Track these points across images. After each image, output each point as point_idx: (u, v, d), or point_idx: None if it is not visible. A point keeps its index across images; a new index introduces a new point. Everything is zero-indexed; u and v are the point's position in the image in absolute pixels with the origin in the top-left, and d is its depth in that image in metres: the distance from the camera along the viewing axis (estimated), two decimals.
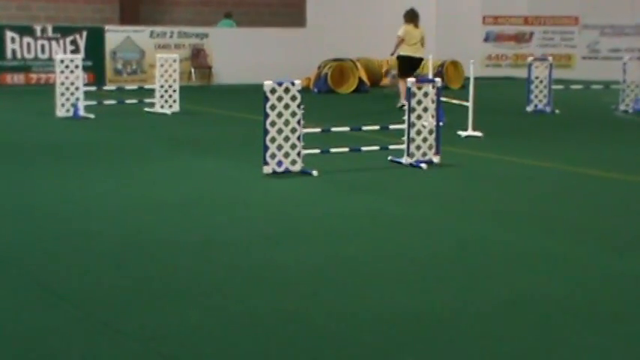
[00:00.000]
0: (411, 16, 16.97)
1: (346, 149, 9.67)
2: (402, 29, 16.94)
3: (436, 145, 9.59)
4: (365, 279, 5.35)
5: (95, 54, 20.54)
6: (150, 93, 15.28)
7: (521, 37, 25.57)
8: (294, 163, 8.94)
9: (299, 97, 8.88)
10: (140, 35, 21.23)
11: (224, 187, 8.36)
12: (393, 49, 17.06)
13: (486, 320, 4.64)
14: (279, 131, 8.82)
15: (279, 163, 8.87)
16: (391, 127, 9.88)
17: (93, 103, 14.39)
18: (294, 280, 5.32)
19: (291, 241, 6.28)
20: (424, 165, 9.41)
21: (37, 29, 20.24)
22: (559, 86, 16.78)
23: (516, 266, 5.66)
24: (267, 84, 8.76)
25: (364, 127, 10.27)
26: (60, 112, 14.09)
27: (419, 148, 9.52)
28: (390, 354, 4.16)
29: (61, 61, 14.18)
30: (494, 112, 15.62)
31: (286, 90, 8.83)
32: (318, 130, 9.66)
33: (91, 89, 15.47)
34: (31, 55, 20.18)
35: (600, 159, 10.39)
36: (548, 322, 4.58)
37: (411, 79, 9.68)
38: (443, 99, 10.64)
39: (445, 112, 11.59)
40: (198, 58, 21.77)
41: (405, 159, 9.52)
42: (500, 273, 5.50)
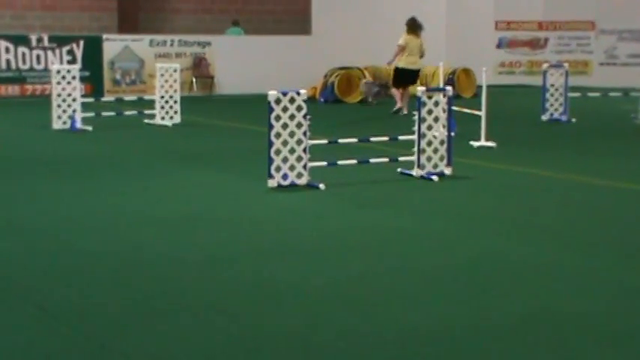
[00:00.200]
0: (412, 26, 17.06)
1: (354, 161, 9.67)
2: (403, 38, 17.04)
3: (448, 157, 9.59)
4: (374, 296, 5.34)
5: (93, 64, 20.58)
6: (150, 104, 15.32)
7: (536, 43, 25.58)
8: (300, 176, 8.94)
9: (305, 107, 8.90)
10: (139, 44, 21.29)
11: (227, 202, 8.37)
12: (391, 57, 17.16)
13: (501, 337, 4.63)
14: (284, 143, 8.83)
15: (284, 176, 8.87)
16: (401, 137, 9.89)
17: (91, 114, 14.43)
18: (300, 298, 5.31)
19: (298, 258, 6.28)
20: (435, 177, 9.41)
21: (33, 39, 20.31)
22: (575, 94, 16.76)
23: (531, 281, 5.65)
24: (272, 94, 8.78)
25: (373, 138, 10.28)
26: (56, 124, 14.13)
27: (430, 159, 9.53)
28: None
29: (58, 72, 14.24)
30: (507, 122, 15.62)
31: (291, 100, 8.85)
32: (324, 142, 9.67)
33: (89, 101, 15.48)
34: (27, 66, 20.24)
35: (618, 170, 10.37)
36: (564, 338, 4.57)
37: (422, 88, 9.69)
38: (454, 108, 10.64)
39: (457, 121, 11.58)
40: (199, 67, 21.81)
41: (416, 171, 9.53)
42: (515, 288, 5.50)
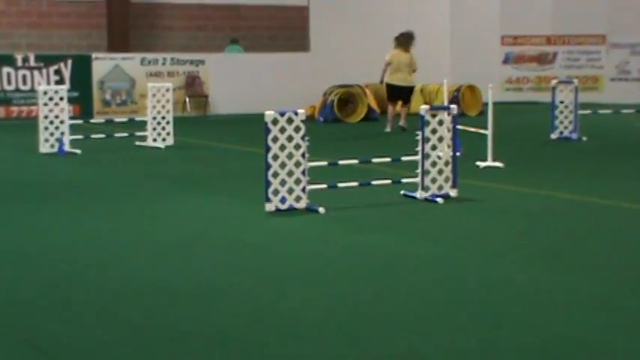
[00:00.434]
0: (400, 40, 17.18)
1: (355, 183, 9.69)
2: (389, 54, 17.16)
3: (453, 178, 9.61)
4: (377, 325, 5.34)
5: (81, 84, 20.65)
6: (141, 125, 15.35)
7: (544, 58, 25.66)
8: (298, 199, 8.96)
9: (303, 127, 8.92)
10: (130, 63, 21.37)
11: (223, 227, 8.38)
12: (380, 74, 17.27)
13: None
14: (282, 165, 8.85)
15: (282, 199, 8.89)
16: (404, 158, 9.89)
17: (79, 137, 14.47)
18: (301, 327, 5.32)
19: (297, 285, 6.29)
20: (440, 199, 9.43)
21: (18, 58, 20.39)
22: (586, 111, 16.82)
23: (543, 309, 5.65)
24: (269, 114, 8.81)
25: (374, 159, 10.31)
26: (44, 147, 14.16)
27: (434, 181, 9.55)
28: None
29: (45, 93, 14.28)
30: (515, 141, 15.66)
31: (289, 120, 8.87)
32: (324, 164, 9.69)
33: (78, 122, 15.54)
34: (12, 87, 20.31)
35: (632, 191, 10.37)
36: None
37: (425, 106, 9.73)
38: (459, 127, 10.68)
39: (462, 141, 11.62)
40: (193, 86, 21.87)
41: (420, 193, 9.55)
42: (526, 317, 5.49)
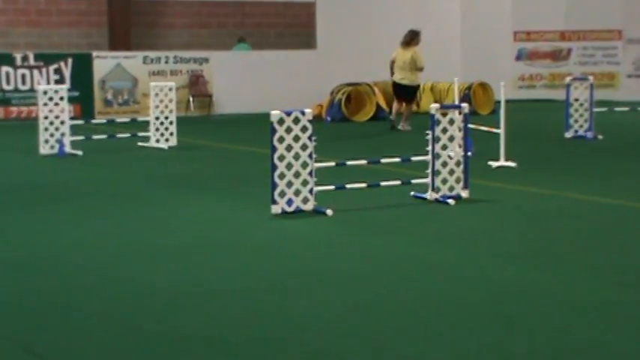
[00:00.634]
0: (404, 39, 17.50)
1: (364, 185, 9.70)
2: (395, 51, 17.56)
3: (464, 178, 9.62)
4: (386, 328, 5.35)
5: (82, 84, 20.67)
6: (144, 125, 15.38)
7: (558, 55, 25.63)
8: (306, 201, 8.97)
9: (310, 127, 8.93)
10: (132, 62, 21.38)
11: (228, 230, 8.40)
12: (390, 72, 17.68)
13: None
14: (288, 166, 8.87)
15: (289, 201, 8.91)
16: (414, 158, 9.89)
17: (80, 138, 14.49)
18: (308, 333, 5.32)
19: (304, 289, 6.30)
20: (451, 201, 9.44)
21: (17, 57, 20.42)
22: (602, 109, 16.79)
23: (557, 314, 5.65)
24: (275, 114, 8.82)
25: (383, 160, 10.31)
26: (44, 149, 14.18)
27: (445, 181, 9.55)
28: None
29: (44, 93, 14.30)
30: (528, 140, 15.65)
31: (296, 120, 8.89)
32: (332, 164, 9.70)
33: (78, 123, 15.58)
34: (11, 87, 20.34)
35: None
36: None
37: (435, 104, 9.74)
38: (471, 126, 10.68)
39: (474, 140, 11.62)
40: (196, 85, 21.87)
41: (430, 194, 9.55)
42: (540, 323, 5.48)
